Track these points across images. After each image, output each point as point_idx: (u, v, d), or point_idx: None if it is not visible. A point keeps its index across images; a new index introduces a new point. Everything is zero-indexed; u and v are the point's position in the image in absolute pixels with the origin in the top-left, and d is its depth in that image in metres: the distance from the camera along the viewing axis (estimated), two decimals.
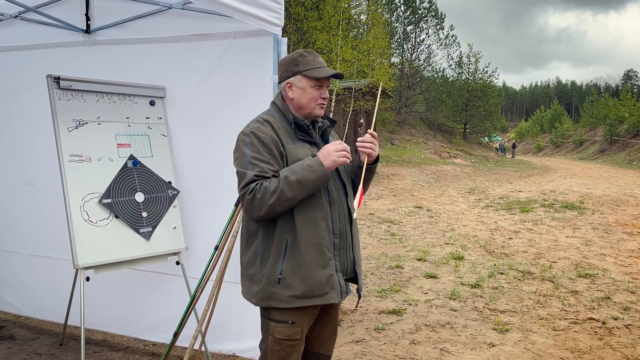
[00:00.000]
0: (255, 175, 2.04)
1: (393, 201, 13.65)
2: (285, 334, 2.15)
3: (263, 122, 2.17)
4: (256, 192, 2.02)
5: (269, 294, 2.12)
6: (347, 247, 2.23)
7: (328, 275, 2.12)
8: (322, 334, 2.37)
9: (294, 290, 2.09)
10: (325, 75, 2.17)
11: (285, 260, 2.09)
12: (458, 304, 5.12)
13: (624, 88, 54.74)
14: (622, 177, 23.19)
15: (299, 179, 2.00)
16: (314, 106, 2.21)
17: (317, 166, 2.03)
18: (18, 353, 3.73)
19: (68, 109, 3.25)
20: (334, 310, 2.36)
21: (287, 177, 2.00)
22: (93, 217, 3.20)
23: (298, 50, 2.25)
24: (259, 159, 2.07)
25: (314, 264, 2.10)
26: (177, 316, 3.43)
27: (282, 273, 2.09)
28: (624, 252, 7.60)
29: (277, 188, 2.00)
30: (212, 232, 3.37)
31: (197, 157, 3.65)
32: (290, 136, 2.18)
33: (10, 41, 4.11)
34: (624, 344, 4.15)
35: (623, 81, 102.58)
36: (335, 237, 2.16)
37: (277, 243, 2.11)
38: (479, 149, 41.85)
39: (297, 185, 2.00)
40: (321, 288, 2.11)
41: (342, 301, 2.22)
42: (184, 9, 3.50)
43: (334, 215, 2.16)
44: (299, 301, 2.10)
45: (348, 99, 22.04)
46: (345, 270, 2.23)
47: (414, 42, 47.15)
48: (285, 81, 2.23)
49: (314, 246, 2.09)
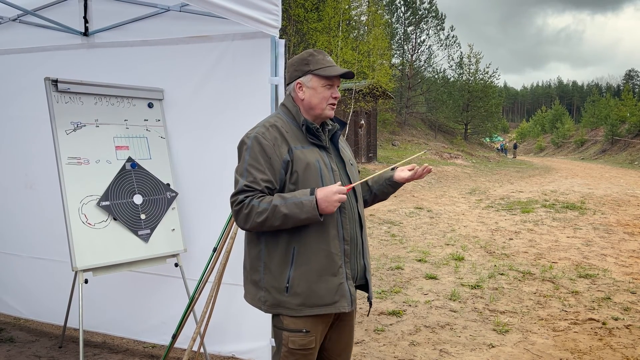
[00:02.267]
0: (246, 185, 2.00)
1: (393, 202, 13.64)
2: (299, 343, 2.08)
3: (269, 127, 2.10)
4: (243, 207, 1.99)
5: (277, 302, 2.07)
6: (357, 253, 2.17)
7: (338, 284, 2.07)
8: (338, 343, 2.29)
9: (302, 299, 2.04)
10: (337, 73, 2.12)
11: (293, 268, 2.03)
12: (458, 305, 5.11)
13: (625, 88, 54.71)
14: (624, 177, 23.16)
15: (287, 214, 1.94)
16: (324, 106, 2.14)
17: (309, 208, 1.94)
18: (17, 356, 3.73)
19: (66, 112, 3.25)
20: (349, 318, 2.28)
21: (278, 206, 1.95)
22: (91, 219, 3.20)
23: (307, 50, 2.20)
24: (254, 167, 2.03)
25: (324, 272, 2.04)
26: (177, 318, 3.43)
27: (290, 281, 2.04)
28: (625, 253, 7.59)
29: (264, 212, 1.95)
30: (210, 234, 3.37)
31: (196, 159, 3.65)
32: (300, 140, 2.11)
33: (9, 44, 4.12)
34: (624, 344, 4.14)
35: (624, 81, 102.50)
36: (345, 244, 2.10)
37: (284, 251, 2.05)
38: (480, 150, 41.83)
39: (284, 218, 1.95)
40: (331, 296, 2.05)
41: (352, 309, 2.14)
42: (181, 11, 3.50)
43: (344, 222, 2.10)
44: (309, 310, 2.05)
45: (348, 100, 22.05)
46: (355, 277, 2.17)
47: (415, 43, 47.20)
48: (295, 81, 2.16)
49: (323, 254, 2.04)
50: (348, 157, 2.27)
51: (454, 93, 44.43)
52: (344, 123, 2.33)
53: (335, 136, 2.25)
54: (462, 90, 44.70)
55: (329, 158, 2.16)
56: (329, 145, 2.21)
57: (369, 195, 2.41)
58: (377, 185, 2.39)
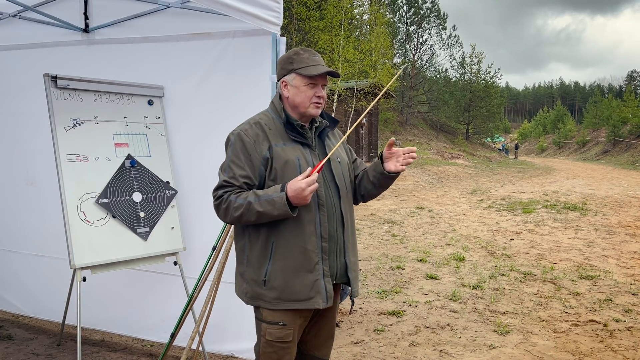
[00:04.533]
0: (225, 181, 2.08)
1: (394, 202, 13.62)
2: (276, 335, 2.13)
3: (253, 124, 2.15)
4: (222, 201, 2.06)
5: (256, 294, 2.13)
6: (337, 251, 2.18)
7: (313, 280, 2.09)
8: (318, 337, 2.34)
9: (279, 293, 2.09)
10: (317, 73, 2.12)
11: (271, 262, 2.09)
12: (458, 306, 5.09)
13: (628, 89, 54.55)
14: (625, 178, 23.11)
15: (261, 211, 2.00)
16: (308, 105, 2.16)
17: (280, 205, 1.97)
18: (15, 353, 3.72)
19: (65, 108, 3.23)
20: (330, 313, 2.32)
21: (252, 204, 2.00)
22: (90, 217, 3.18)
23: (295, 48, 2.22)
24: (235, 163, 2.09)
25: (299, 268, 2.08)
26: (176, 316, 3.41)
27: (267, 275, 2.09)
28: (626, 254, 7.55)
29: (240, 207, 2.02)
30: (210, 233, 3.35)
31: (196, 157, 3.63)
32: (282, 137, 2.14)
33: (9, 40, 4.11)
34: (626, 346, 4.11)
35: (627, 82, 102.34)
36: (323, 242, 2.11)
37: (263, 245, 2.10)
38: (481, 150, 41.78)
39: (258, 215, 2.01)
40: (305, 292, 2.09)
41: (327, 306, 2.14)
42: (182, 7, 3.48)
43: (323, 219, 2.12)
44: (285, 304, 2.10)
45: (350, 99, 22.02)
46: (335, 274, 2.17)
47: (417, 43, 47.11)
48: (281, 79, 2.21)
49: (299, 250, 2.08)
50: (336, 154, 2.25)
51: (455, 93, 44.38)
52: (336, 120, 2.33)
53: (324, 133, 2.26)
54: (464, 90, 44.64)
55: (313, 155, 2.17)
56: (314, 142, 2.21)
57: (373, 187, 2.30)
58: (375, 179, 2.26)
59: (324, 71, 2.13)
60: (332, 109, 20.57)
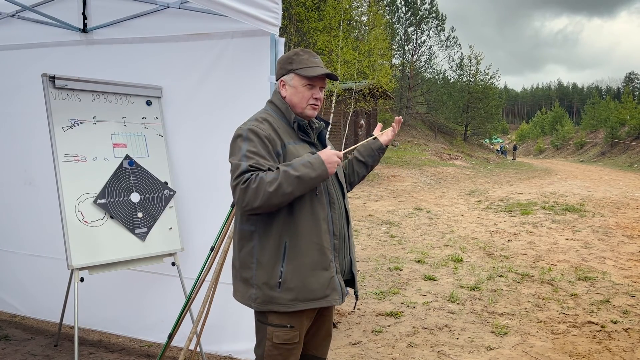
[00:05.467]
0: (250, 166, 1.97)
1: (393, 203, 13.63)
2: (283, 338, 2.11)
3: (262, 120, 2.14)
4: (251, 181, 1.93)
5: (268, 298, 2.08)
6: (344, 248, 2.22)
7: (329, 277, 2.10)
8: (317, 337, 2.34)
9: (295, 294, 2.05)
10: (316, 74, 2.14)
11: (285, 263, 2.05)
12: (456, 307, 5.09)
13: (625, 91, 54.69)
14: (623, 179, 23.15)
15: (299, 175, 1.94)
16: (305, 106, 2.18)
17: (318, 164, 1.98)
18: (12, 354, 3.71)
19: (63, 109, 3.23)
20: (328, 312, 2.34)
21: (287, 171, 1.94)
22: (88, 217, 3.18)
23: (295, 49, 2.23)
24: (254, 152, 2.01)
25: (316, 266, 2.07)
26: (174, 317, 3.41)
27: (283, 276, 2.05)
28: (624, 255, 7.57)
29: (275, 180, 1.92)
30: (208, 233, 3.35)
31: (194, 158, 3.63)
32: (291, 136, 2.15)
33: (7, 40, 4.10)
34: (623, 347, 4.12)
35: (624, 84, 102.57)
36: (335, 239, 2.14)
37: (275, 245, 2.06)
38: (479, 151, 41.82)
39: (297, 181, 1.94)
40: (322, 290, 2.09)
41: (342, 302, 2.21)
42: (181, 8, 3.48)
43: (334, 217, 2.15)
44: (302, 304, 2.07)
45: (348, 100, 22.02)
46: (343, 271, 2.22)
47: (415, 44, 47.17)
48: (279, 79, 2.22)
49: (316, 247, 2.07)
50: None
51: (454, 94, 44.41)
52: (328, 123, 2.39)
53: (322, 134, 2.30)
54: (462, 92, 44.67)
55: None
56: (316, 142, 2.26)
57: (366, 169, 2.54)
58: (370, 159, 2.52)
59: (322, 73, 2.15)
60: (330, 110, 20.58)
